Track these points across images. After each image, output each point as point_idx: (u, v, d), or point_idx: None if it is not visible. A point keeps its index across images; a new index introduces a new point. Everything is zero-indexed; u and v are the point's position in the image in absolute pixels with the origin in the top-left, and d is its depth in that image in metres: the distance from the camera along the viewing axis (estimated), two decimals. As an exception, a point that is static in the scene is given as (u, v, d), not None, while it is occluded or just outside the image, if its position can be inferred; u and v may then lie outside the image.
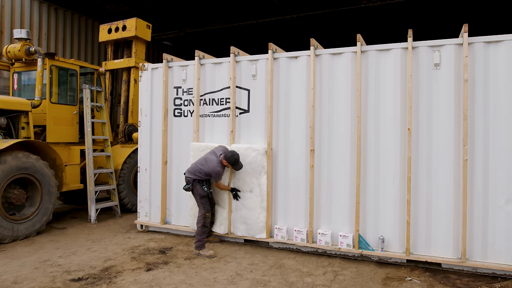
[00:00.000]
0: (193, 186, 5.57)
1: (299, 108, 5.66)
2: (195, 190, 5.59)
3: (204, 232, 5.59)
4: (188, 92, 6.41)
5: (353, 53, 5.34)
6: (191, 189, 5.62)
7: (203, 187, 5.57)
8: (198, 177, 5.58)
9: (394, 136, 5.16)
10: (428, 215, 5.00)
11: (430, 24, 12.72)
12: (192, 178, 5.59)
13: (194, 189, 5.59)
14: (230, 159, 5.52)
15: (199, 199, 5.61)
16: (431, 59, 4.98)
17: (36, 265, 5.02)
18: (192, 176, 5.61)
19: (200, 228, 5.54)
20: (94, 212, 7.34)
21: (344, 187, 5.40)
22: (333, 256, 5.45)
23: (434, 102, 4.98)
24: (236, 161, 5.56)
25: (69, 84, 7.73)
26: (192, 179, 5.58)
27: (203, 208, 5.60)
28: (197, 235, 5.53)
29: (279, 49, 5.90)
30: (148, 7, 12.07)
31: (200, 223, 5.56)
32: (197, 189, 5.57)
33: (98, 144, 8.17)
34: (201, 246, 5.49)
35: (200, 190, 5.57)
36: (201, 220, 5.57)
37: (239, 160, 5.58)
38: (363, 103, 5.29)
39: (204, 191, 5.59)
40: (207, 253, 5.41)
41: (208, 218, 5.66)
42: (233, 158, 5.53)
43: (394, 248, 5.15)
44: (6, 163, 5.93)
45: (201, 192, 5.59)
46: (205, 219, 5.60)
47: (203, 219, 5.58)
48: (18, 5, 10.59)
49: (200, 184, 5.57)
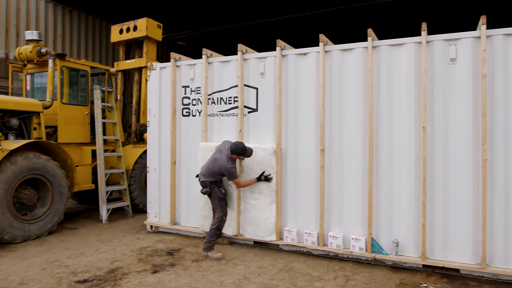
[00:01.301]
0: (211, 189, 5.44)
1: (309, 106, 5.48)
2: (213, 193, 5.46)
3: (216, 235, 5.49)
4: (196, 91, 6.31)
5: (364, 49, 5.13)
6: (209, 192, 5.48)
7: (220, 189, 5.49)
8: (214, 179, 5.46)
9: (408, 135, 4.93)
10: (445, 218, 4.75)
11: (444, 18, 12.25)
12: (209, 181, 5.45)
13: (212, 192, 5.46)
14: (236, 150, 5.35)
15: (218, 202, 5.49)
16: (447, 54, 4.73)
17: (44, 265, 5.01)
18: (208, 178, 5.47)
19: (214, 230, 5.43)
20: (105, 213, 7.33)
21: (356, 188, 5.20)
22: (345, 259, 5.25)
23: (450, 98, 4.73)
24: (243, 150, 5.37)
25: (80, 84, 7.76)
26: (209, 181, 5.45)
27: (221, 211, 5.49)
28: (208, 236, 5.42)
29: (288, 46, 5.74)
30: (160, 8, 12.08)
31: (215, 225, 5.45)
32: (215, 191, 5.46)
33: (110, 144, 8.17)
34: (209, 248, 5.38)
35: (218, 192, 5.47)
36: (217, 222, 5.46)
37: (246, 148, 5.40)
38: (375, 100, 5.08)
39: (222, 193, 5.50)
40: (215, 256, 5.30)
41: (224, 222, 5.55)
42: (239, 148, 5.35)
43: (409, 252, 4.92)
44: (17, 164, 5.96)
45: (219, 194, 5.48)
46: (221, 222, 5.49)
47: (220, 222, 5.47)
48: (33, 7, 10.74)
49: (218, 186, 5.48)
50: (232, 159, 5.42)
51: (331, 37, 5.90)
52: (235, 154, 5.38)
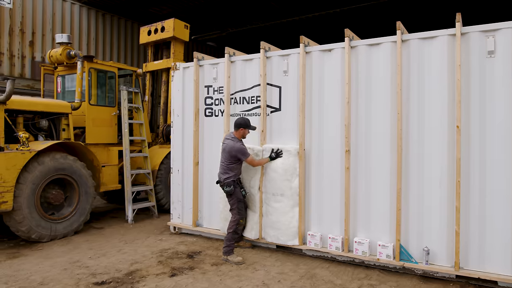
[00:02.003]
0: (234, 189, 5.29)
1: (334, 105, 5.22)
2: (234, 193, 5.31)
3: (234, 238, 5.35)
4: (219, 91, 6.20)
5: (393, 43, 4.81)
6: (233, 192, 5.30)
7: (241, 190, 5.37)
8: (233, 174, 5.29)
9: (440, 135, 4.56)
10: (481, 225, 4.35)
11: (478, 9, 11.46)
12: (231, 179, 5.29)
13: (234, 192, 5.31)
14: (240, 123, 5.29)
15: (236, 203, 5.34)
16: (484, 46, 4.33)
17: (66, 266, 5.05)
18: (226, 175, 5.29)
19: (231, 234, 5.29)
20: (131, 213, 7.38)
21: (384, 191, 4.89)
22: (371, 267, 4.95)
23: (487, 95, 4.33)
24: (246, 122, 5.31)
25: (107, 86, 7.87)
26: (232, 180, 5.29)
27: (238, 213, 5.34)
28: (226, 241, 5.28)
29: (312, 42, 5.50)
30: (190, 9, 12.12)
31: (232, 229, 5.31)
32: (237, 192, 5.32)
33: (137, 145, 8.24)
34: (229, 251, 5.24)
35: (239, 193, 5.34)
36: (234, 226, 5.32)
37: (248, 120, 5.36)
38: (404, 98, 4.74)
39: (242, 195, 5.37)
40: (235, 259, 5.15)
41: (241, 225, 5.42)
42: (242, 121, 5.30)
43: (441, 262, 4.55)
44: (44, 164, 6.08)
45: (239, 196, 5.35)
46: (238, 225, 5.35)
47: (236, 225, 5.33)
48: (68, 12, 11.09)
49: (240, 187, 5.37)
50: (238, 139, 5.31)
51: (362, 34, 5.59)
52: (240, 128, 5.29)
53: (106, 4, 11.61)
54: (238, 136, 5.34)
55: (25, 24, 10.11)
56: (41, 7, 10.40)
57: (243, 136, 5.39)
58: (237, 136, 5.34)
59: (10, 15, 9.78)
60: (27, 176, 5.85)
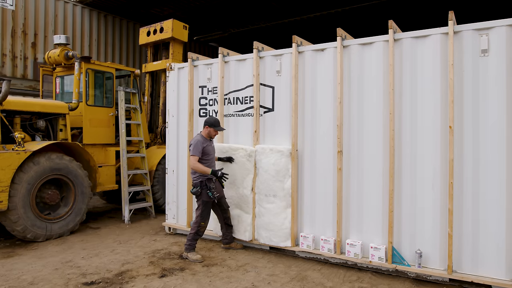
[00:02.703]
0: (201, 190, 5.23)
1: (326, 106, 5.16)
2: (201, 194, 5.25)
3: (196, 239, 5.31)
4: (213, 91, 6.17)
5: (385, 42, 4.74)
6: (199, 193, 5.25)
7: (208, 192, 5.21)
8: (201, 176, 5.19)
9: (433, 135, 4.48)
10: (475, 228, 4.26)
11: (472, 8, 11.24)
12: (198, 180, 5.24)
13: (200, 194, 5.25)
14: (205, 122, 5.31)
15: (201, 205, 5.26)
16: (477, 45, 4.24)
17: (58, 265, 5.06)
18: (195, 175, 5.23)
19: (192, 235, 5.27)
20: (127, 213, 7.39)
21: (376, 192, 4.81)
22: (363, 269, 4.88)
23: (481, 95, 4.24)
24: (212, 121, 5.29)
25: (105, 86, 7.88)
26: (199, 181, 5.24)
27: (200, 216, 5.25)
28: (188, 239, 5.30)
29: (306, 42, 5.45)
30: (191, 9, 12.10)
31: (194, 230, 5.28)
32: (203, 194, 5.24)
33: (135, 145, 8.25)
34: (190, 249, 5.26)
35: (205, 195, 5.24)
36: (196, 227, 5.27)
37: (216, 121, 5.34)
38: (396, 98, 4.67)
39: (208, 197, 5.23)
40: (194, 257, 5.18)
41: (203, 228, 5.32)
42: (209, 119, 5.31)
43: (433, 264, 4.47)
44: (40, 164, 6.10)
45: (205, 198, 5.24)
46: (200, 227, 5.28)
47: (198, 227, 5.26)
48: (70, 13, 11.13)
49: (206, 189, 5.21)
50: (204, 137, 5.27)
51: (364, 34, 5.51)
52: (205, 125, 5.28)
53: (107, 5, 11.64)
54: (205, 134, 5.30)
55: (27, 25, 10.17)
56: (43, 8, 10.46)
57: (210, 136, 5.34)
58: (203, 134, 5.30)
59: (13, 16, 9.85)
60: (23, 176, 5.88)
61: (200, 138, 5.26)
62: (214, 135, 5.37)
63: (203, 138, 5.28)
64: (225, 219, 5.63)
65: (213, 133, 5.34)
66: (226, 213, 5.62)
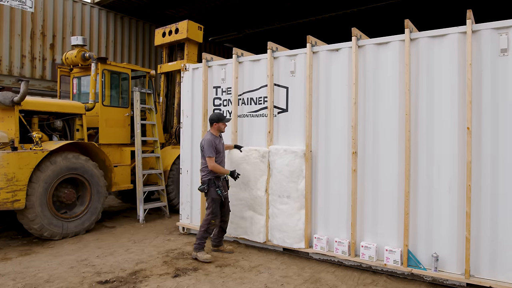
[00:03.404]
0: (208, 187, 5.24)
1: (341, 106, 5.11)
2: (209, 192, 5.26)
3: (205, 237, 5.30)
4: (227, 91, 6.18)
5: (401, 42, 4.67)
6: (206, 191, 5.28)
7: (216, 190, 5.22)
8: (209, 173, 5.24)
9: (450, 137, 4.39)
10: (494, 232, 4.15)
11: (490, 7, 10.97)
12: (207, 178, 5.26)
13: (208, 191, 5.26)
14: (211, 120, 5.34)
15: (210, 202, 5.26)
16: (496, 44, 4.13)
17: (73, 264, 5.13)
18: (204, 173, 5.28)
19: (202, 232, 5.27)
20: (142, 212, 7.45)
21: (392, 194, 4.74)
22: (378, 272, 4.81)
23: (500, 95, 4.13)
24: (217, 116, 5.33)
25: (121, 87, 7.98)
26: (207, 178, 5.25)
27: (211, 212, 5.26)
28: (197, 238, 5.30)
29: (320, 42, 5.41)
30: (206, 10, 12.16)
31: (204, 227, 5.28)
32: (211, 191, 5.24)
33: (150, 145, 8.32)
34: (199, 248, 5.26)
35: (213, 193, 5.24)
36: (205, 225, 5.28)
37: (220, 113, 5.39)
38: (413, 98, 4.59)
39: (217, 194, 5.24)
40: (203, 257, 5.19)
41: (213, 225, 5.33)
42: (213, 116, 5.35)
43: (450, 269, 4.37)
44: (57, 164, 6.20)
45: (214, 195, 5.24)
46: (210, 225, 5.27)
47: (207, 224, 5.27)
48: (87, 15, 11.30)
49: (215, 186, 5.23)
50: (214, 135, 5.28)
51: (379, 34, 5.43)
52: (213, 123, 5.29)
53: (124, 7, 11.79)
54: (214, 132, 5.33)
55: (46, 27, 10.36)
56: (61, 10, 10.65)
57: (220, 130, 5.37)
58: (213, 132, 5.33)
59: (32, 18, 10.05)
60: (40, 175, 5.98)
61: (210, 137, 5.27)
62: (223, 128, 5.40)
63: (213, 136, 5.30)
64: (222, 221, 5.57)
65: (223, 127, 5.38)
66: (226, 217, 5.57)
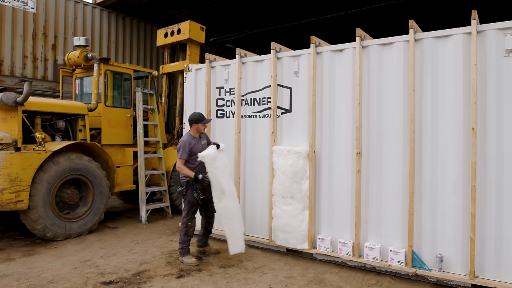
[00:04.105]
0: (187, 189, 5.15)
1: (345, 107, 5.11)
2: (186, 194, 5.18)
3: (187, 240, 5.24)
4: (230, 92, 6.18)
5: (405, 42, 4.66)
6: (184, 193, 5.19)
7: (193, 192, 5.12)
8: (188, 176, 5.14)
9: (455, 137, 4.38)
10: (498, 233, 4.15)
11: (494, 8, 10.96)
12: (185, 180, 5.16)
13: (186, 193, 5.18)
14: (190, 121, 5.21)
15: (187, 205, 5.19)
16: (502, 45, 4.13)
17: (77, 264, 5.13)
18: (184, 176, 5.17)
19: (183, 236, 5.21)
20: (144, 213, 7.45)
21: (396, 195, 4.73)
22: (382, 273, 4.81)
23: (505, 96, 4.12)
24: (196, 116, 5.19)
25: (123, 87, 7.98)
26: (186, 180, 5.16)
27: (186, 215, 5.20)
28: (179, 243, 5.25)
29: (324, 42, 5.41)
30: (208, 11, 12.16)
31: (182, 232, 5.21)
32: (188, 194, 5.16)
33: (152, 146, 8.32)
34: (184, 253, 5.21)
35: (190, 196, 5.15)
36: (183, 229, 5.21)
37: (199, 114, 5.24)
38: (417, 99, 4.58)
39: (193, 197, 5.13)
40: (188, 261, 5.13)
41: (191, 228, 5.25)
42: (192, 116, 5.21)
43: (455, 269, 4.37)
44: (60, 164, 6.20)
45: (190, 198, 5.15)
46: (187, 228, 5.21)
47: (185, 228, 5.20)
48: (89, 16, 11.31)
49: (192, 189, 5.13)
50: (192, 136, 5.19)
51: (379, 35, 5.45)
52: (192, 124, 5.19)
53: (126, 7, 11.79)
54: (193, 132, 5.22)
55: (48, 28, 10.36)
56: (63, 11, 10.65)
57: (200, 131, 5.24)
58: (191, 133, 5.23)
59: (34, 19, 10.05)
60: (43, 175, 5.98)
61: (187, 138, 5.15)
62: (203, 129, 5.28)
63: (190, 137, 5.18)
64: (206, 223, 5.53)
65: (202, 128, 5.25)
66: (210, 218, 5.53)
